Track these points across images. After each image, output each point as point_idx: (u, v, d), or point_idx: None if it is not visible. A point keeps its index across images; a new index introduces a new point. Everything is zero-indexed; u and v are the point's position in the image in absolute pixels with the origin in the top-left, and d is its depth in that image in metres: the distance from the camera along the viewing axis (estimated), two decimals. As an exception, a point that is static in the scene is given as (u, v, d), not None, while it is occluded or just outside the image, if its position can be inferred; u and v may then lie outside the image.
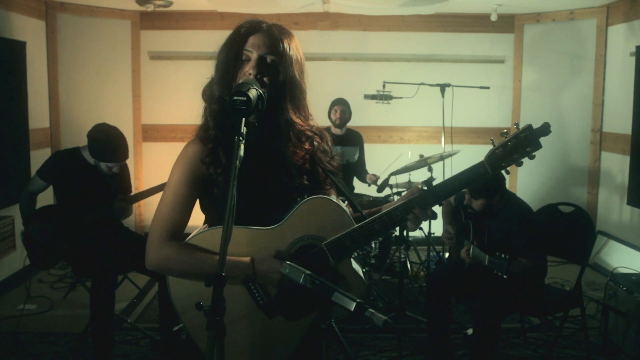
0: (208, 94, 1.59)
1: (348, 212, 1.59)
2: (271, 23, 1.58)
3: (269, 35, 1.54)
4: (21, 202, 3.59)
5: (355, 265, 1.60)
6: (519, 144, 1.48)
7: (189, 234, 1.59)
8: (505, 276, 2.84)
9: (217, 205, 1.57)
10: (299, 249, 1.56)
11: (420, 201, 1.53)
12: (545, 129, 1.49)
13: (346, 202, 1.68)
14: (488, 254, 2.94)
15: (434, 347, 3.27)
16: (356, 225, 1.55)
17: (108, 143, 3.42)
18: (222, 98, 1.53)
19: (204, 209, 1.66)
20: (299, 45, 1.61)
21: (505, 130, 1.55)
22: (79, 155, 3.53)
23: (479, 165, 1.51)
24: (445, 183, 1.55)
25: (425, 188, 1.54)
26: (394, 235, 4.50)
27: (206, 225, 1.65)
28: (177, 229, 1.57)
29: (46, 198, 3.75)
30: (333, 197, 1.61)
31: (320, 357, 1.79)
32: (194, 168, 1.57)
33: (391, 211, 1.54)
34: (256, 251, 1.53)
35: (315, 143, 1.67)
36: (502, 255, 2.86)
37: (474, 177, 1.52)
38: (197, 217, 1.66)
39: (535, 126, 1.52)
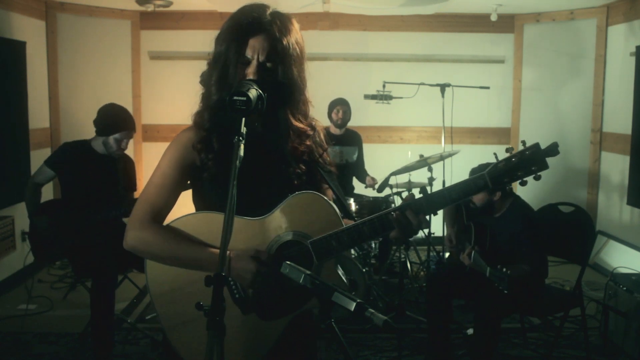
0: (206, 89, 1.58)
1: (338, 211, 1.56)
2: (271, 17, 1.53)
3: (269, 37, 1.50)
4: (27, 195, 3.61)
5: (340, 270, 1.57)
6: (523, 160, 1.43)
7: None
8: (505, 291, 2.80)
9: (205, 191, 1.57)
10: (282, 244, 1.54)
11: (413, 206, 1.49)
12: (552, 149, 1.45)
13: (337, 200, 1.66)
14: (489, 264, 2.90)
15: (434, 348, 3.27)
16: (345, 226, 1.52)
17: (113, 113, 3.52)
18: (221, 99, 1.51)
19: (195, 198, 1.65)
20: (299, 35, 1.57)
21: (510, 147, 1.51)
22: (88, 147, 3.56)
23: (480, 177, 1.45)
24: (442, 192, 1.50)
25: (420, 194, 1.51)
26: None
27: None
28: (160, 212, 1.56)
29: (47, 194, 3.76)
30: (325, 196, 1.58)
31: (315, 354, 1.78)
32: (185, 153, 1.57)
33: (382, 215, 1.50)
34: (240, 241, 1.51)
35: (311, 133, 1.66)
36: (504, 270, 2.80)
37: (473, 189, 1.47)
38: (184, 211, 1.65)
39: (541, 143, 1.45)
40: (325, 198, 1.55)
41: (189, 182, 1.63)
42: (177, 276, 1.54)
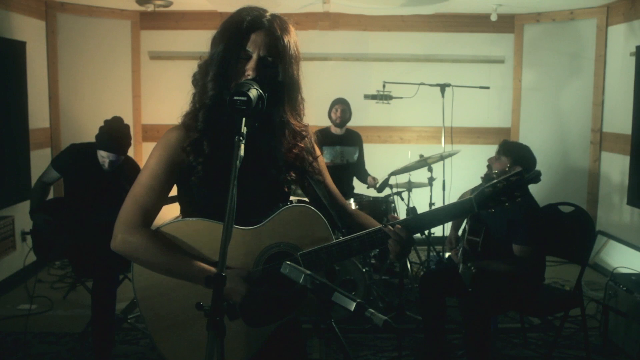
0: (200, 87, 1.56)
1: (329, 226, 1.58)
2: (271, 17, 1.54)
3: (270, 33, 1.51)
4: (33, 191, 3.62)
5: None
6: (508, 187, 1.50)
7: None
8: (470, 289, 2.84)
9: (193, 194, 1.56)
10: (273, 254, 1.55)
11: (402, 223, 1.53)
12: (535, 177, 1.53)
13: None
14: (467, 261, 2.96)
15: (429, 348, 3.27)
16: (335, 241, 1.54)
17: (105, 130, 3.48)
18: (217, 96, 1.51)
19: (181, 199, 1.64)
20: (296, 39, 1.58)
21: (495, 171, 1.56)
22: (94, 151, 3.54)
23: (467, 201, 1.53)
24: (430, 212, 1.56)
25: (410, 215, 1.56)
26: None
27: (180, 216, 1.63)
28: (149, 215, 1.53)
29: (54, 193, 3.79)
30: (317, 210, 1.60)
31: (303, 351, 1.78)
32: (173, 153, 1.55)
33: (372, 232, 1.54)
34: (230, 249, 1.48)
35: (305, 134, 1.67)
36: (470, 267, 2.87)
37: (460, 212, 1.55)
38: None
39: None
40: (317, 212, 1.57)
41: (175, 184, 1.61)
42: (162, 281, 1.53)
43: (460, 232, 3.54)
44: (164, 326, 1.55)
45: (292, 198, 2.04)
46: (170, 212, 1.67)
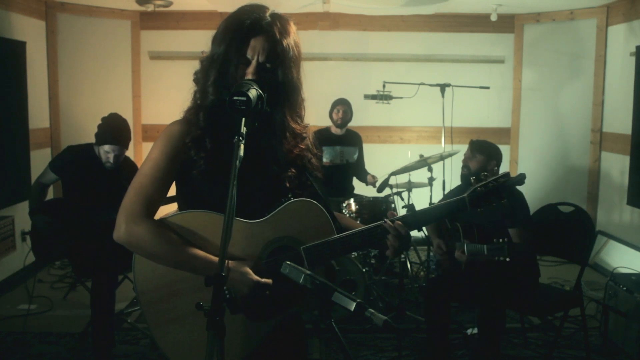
0: (201, 88, 1.56)
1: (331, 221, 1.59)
2: (271, 18, 1.53)
3: (269, 38, 1.50)
4: (32, 193, 3.64)
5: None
6: (498, 187, 1.61)
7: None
8: (507, 259, 2.84)
9: (194, 187, 1.55)
10: (276, 248, 1.55)
11: (401, 219, 1.57)
12: (520, 179, 1.66)
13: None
14: (487, 243, 2.94)
15: (431, 350, 3.27)
16: (337, 235, 1.56)
17: (107, 125, 3.49)
18: (217, 100, 1.51)
19: (181, 195, 1.63)
20: (297, 39, 1.57)
21: (485, 173, 1.66)
22: (92, 151, 3.55)
23: (460, 199, 1.61)
24: (427, 210, 1.63)
25: (408, 212, 1.61)
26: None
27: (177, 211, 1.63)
28: (153, 205, 1.52)
29: (49, 194, 3.79)
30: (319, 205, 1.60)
31: (304, 355, 1.79)
32: (176, 145, 1.55)
33: (372, 227, 1.57)
34: (234, 243, 1.50)
35: (306, 136, 1.68)
36: (500, 240, 2.87)
37: (454, 210, 1.63)
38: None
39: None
40: (321, 206, 1.58)
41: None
42: (164, 274, 1.53)
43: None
44: (164, 320, 1.54)
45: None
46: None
